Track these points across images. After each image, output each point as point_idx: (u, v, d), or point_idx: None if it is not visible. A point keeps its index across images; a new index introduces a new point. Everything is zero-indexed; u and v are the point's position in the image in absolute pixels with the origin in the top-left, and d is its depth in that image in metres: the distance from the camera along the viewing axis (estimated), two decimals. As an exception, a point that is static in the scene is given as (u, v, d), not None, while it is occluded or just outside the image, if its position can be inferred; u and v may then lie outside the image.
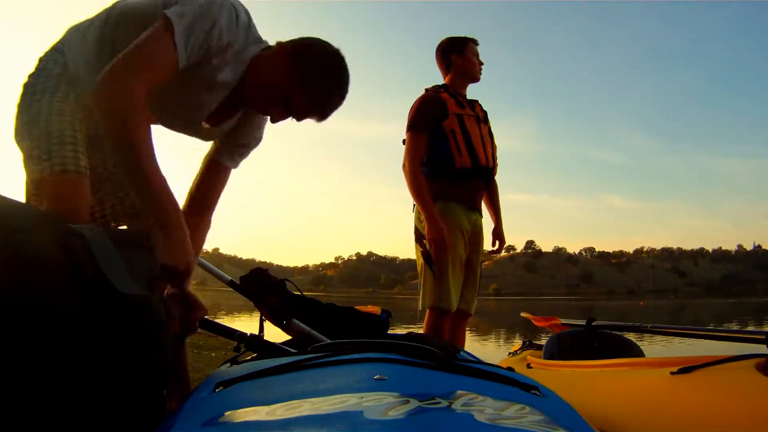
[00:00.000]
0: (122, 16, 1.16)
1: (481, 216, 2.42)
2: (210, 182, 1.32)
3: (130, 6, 1.16)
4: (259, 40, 1.19)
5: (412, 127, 2.30)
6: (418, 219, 2.34)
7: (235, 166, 1.35)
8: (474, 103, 2.44)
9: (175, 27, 1.00)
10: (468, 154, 2.26)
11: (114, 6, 1.20)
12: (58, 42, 1.25)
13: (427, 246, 2.23)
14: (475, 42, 2.46)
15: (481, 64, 2.46)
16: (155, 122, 1.23)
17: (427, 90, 2.42)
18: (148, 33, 1.02)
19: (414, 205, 2.35)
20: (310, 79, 1.13)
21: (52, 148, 1.12)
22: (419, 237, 2.32)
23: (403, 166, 2.31)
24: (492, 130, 2.47)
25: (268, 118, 1.25)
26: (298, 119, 1.19)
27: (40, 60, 1.23)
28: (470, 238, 2.34)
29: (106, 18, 1.18)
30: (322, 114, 1.19)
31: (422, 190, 2.25)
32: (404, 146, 2.33)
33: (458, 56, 2.41)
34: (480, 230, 2.40)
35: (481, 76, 2.48)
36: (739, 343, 1.47)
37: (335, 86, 1.17)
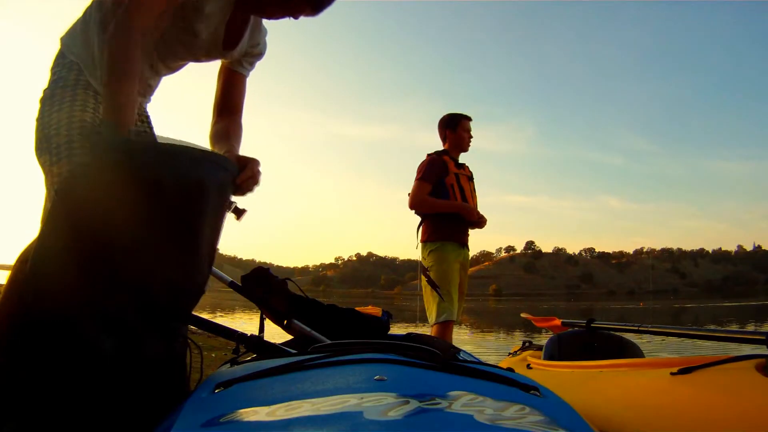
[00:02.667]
0: None
1: (468, 250, 3.11)
2: (230, 89, 1.48)
3: None
4: None
5: (422, 178, 2.98)
6: (422, 256, 3.00)
7: (248, 73, 1.51)
8: (464, 166, 3.16)
9: None
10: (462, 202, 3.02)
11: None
12: (59, 50, 1.27)
13: (431, 276, 2.89)
14: (467, 118, 3.19)
15: (470, 137, 3.18)
16: (183, 59, 1.37)
17: (429, 155, 3.10)
18: None
19: (418, 243, 3.06)
20: None
21: (74, 160, 1.13)
22: (423, 270, 2.98)
23: (413, 205, 3.02)
24: (475, 186, 3.21)
25: (267, 30, 1.42)
26: (296, 16, 1.27)
27: (52, 71, 1.25)
28: (460, 267, 2.99)
29: (99, 3, 1.23)
30: (318, 8, 1.25)
31: (437, 203, 2.97)
32: (410, 193, 3.03)
33: (451, 132, 3.14)
34: (467, 261, 3.09)
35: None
36: (739, 344, 1.47)
37: None
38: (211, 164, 0.96)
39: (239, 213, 1.22)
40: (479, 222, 3.04)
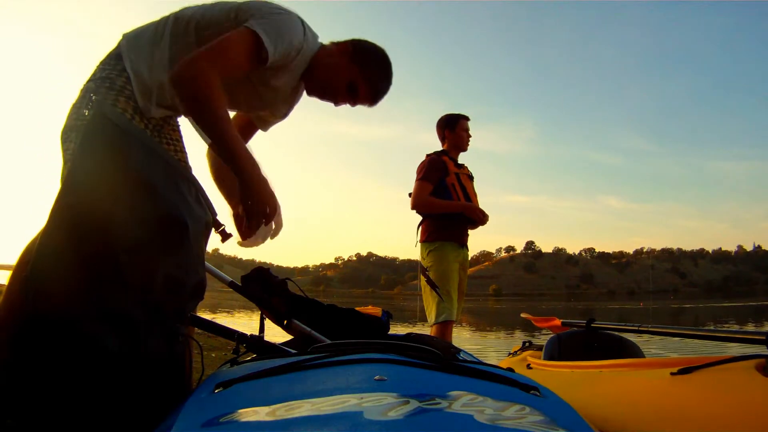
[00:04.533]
0: (195, 22, 1.28)
1: (468, 250, 3.09)
2: (245, 137, 1.57)
3: (202, 13, 1.29)
4: (315, 38, 1.40)
5: (423, 178, 2.95)
6: (421, 256, 2.98)
7: (266, 131, 1.63)
8: (463, 166, 3.14)
9: (263, 38, 1.18)
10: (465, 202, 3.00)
11: (181, 13, 1.31)
12: (116, 48, 1.31)
13: (430, 276, 2.87)
14: (465, 118, 3.16)
15: (469, 136, 3.15)
16: (238, 110, 1.50)
17: (428, 155, 3.08)
18: (230, 34, 1.17)
19: (417, 242, 3.02)
20: (370, 72, 1.40)
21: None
22: (423, 270, 2.96)
23: (416, 206, 2.98)
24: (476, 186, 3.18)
25: (299, 99, 1.54)
26: (354, 104, 1.44)
27: (102, 67, 1.29)
28: (459, 267, 2.98)
29: (175, 23, 1.29)
30: (376, 100, 1.45)
31: (438, 203, 2.93)
32: (412, 194, 2.98)
33: (450, 132, 3.12)
34: (466, 261, 3.07)
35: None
36: (739, 344, 1.46)
37: (388, 77, 1.44)
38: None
39: (225, 236, 1.22)
40: (482, 220, 3.02)
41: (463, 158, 3.20)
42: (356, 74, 1.38)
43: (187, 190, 0.92)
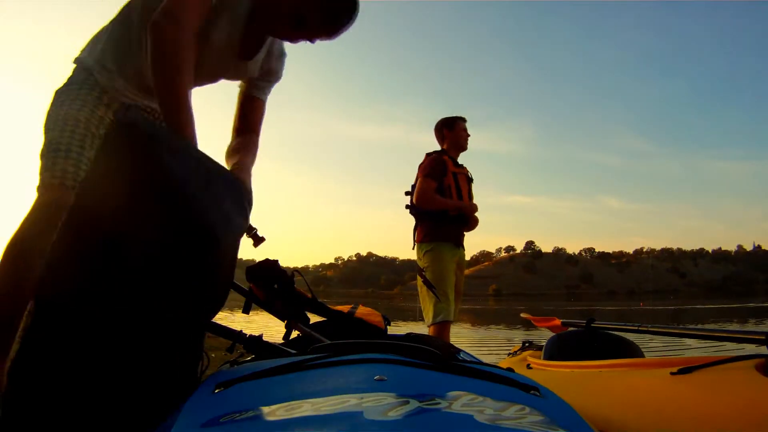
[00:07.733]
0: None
1: (464, 250, 3.15)
2: (248, 113, 1.51)
3: None
4: None
5: (427, 175, 3.02)
6: (418, 257, 3.03)
7: (264, 97, 1.53)
8: (463, 166, 3.21)
9: None
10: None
11: (128, 4, 1.32)
12: (83, 48, 1.38)
13: (427, 277, 2.91)
14: (463, 120, 3.26)
15: (468, 135, 3.23)
16: (202, 74, 1.32)
17: (428, 154, 3.14)
18: None
19: (414, 244, 3.05)
20: None
21: (57, 160, 1.20)
22: (420, 270, 3.00)
23: (420, 202, 3.01)
24: (473, 188, 3.27)
25: (286, 53, 1.46)
26: (311, 39, 1.25)
27: (74, 62, 1.36)
28: (456, 267, 3.03)
29: (126, 5, 1.31)
30: (335, 28, 1.22)
31: (441, 201, 2.96)
32: (415, 190, 3.04)
33: (449, 131, 3.20)
34: (462, 261, 3.14)
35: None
36: (739, 344, 1.47)
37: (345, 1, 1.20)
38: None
39: (257, 240, 1.21)
40: (472, 222, 3.07)
41: (462, 158, 3.21)
42: (301, 2, 1.19)
43: (222, 193, 0.90)
